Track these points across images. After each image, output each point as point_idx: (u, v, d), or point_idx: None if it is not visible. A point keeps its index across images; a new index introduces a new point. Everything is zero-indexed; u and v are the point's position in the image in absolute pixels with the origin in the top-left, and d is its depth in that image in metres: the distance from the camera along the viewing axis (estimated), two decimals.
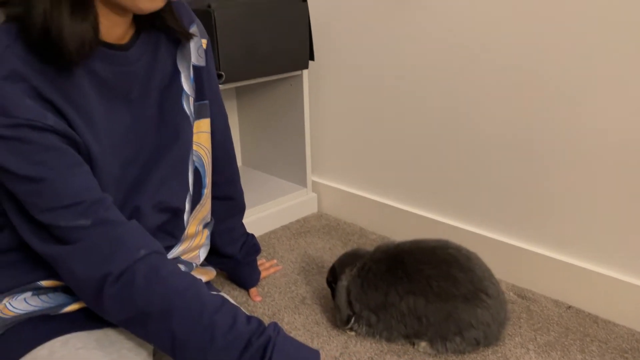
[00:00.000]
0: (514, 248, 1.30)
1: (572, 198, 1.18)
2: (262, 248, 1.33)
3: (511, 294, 1.28)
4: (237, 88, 1.89)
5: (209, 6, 1.25)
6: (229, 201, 1.19)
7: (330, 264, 1.18)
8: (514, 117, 1.23)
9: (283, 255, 1.49)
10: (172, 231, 0.94)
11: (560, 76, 1.13)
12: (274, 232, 1.63)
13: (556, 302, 1.24)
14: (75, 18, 0.69)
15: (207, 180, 1.02)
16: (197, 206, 1.00)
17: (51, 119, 0.71)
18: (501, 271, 1.32)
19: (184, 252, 1.00)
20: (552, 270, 1.24)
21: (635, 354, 1.07)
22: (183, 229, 0.96)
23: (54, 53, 0.69)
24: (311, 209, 1.76)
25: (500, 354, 1.07)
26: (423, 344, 1.06)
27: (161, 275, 0.75)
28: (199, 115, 0.97)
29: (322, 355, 0.80)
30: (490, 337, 1.05)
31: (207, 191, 1.03)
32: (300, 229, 1.65)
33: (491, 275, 1.07)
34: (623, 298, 1.15)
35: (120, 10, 0.76)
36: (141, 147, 0.85)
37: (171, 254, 0.96)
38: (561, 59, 1.12)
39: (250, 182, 1.83)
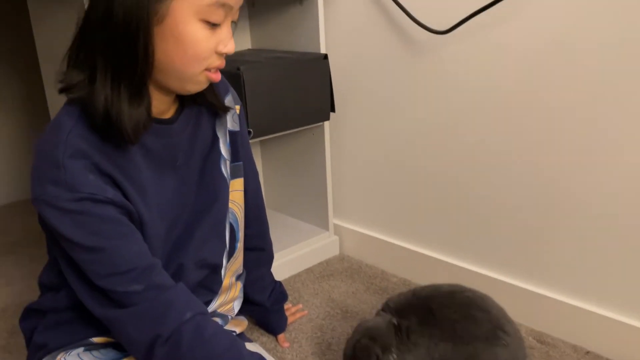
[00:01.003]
0: (534, 294, 1.34)
1: (590, 246, 1.23)
2: (287, 291, 1.40)
3: (530, 338, 1.32)
4: (263, 140, 1.98)
5: (238, 69, 1.34)
6: (259, 252, 1.26)
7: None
8: (533, 167, 1.29)
9: (308, 299, 1.55)
10: (211, 286, 1.01)
11: (571, 138, 1.19)
12: (298, 275, 1.69)
13: (575, 347, 1.28)
14: (132, 104, 0.78)
15: (240, 234, 1.10)
16: (232, 259, 1.07)
17: (110, 192, 0.79)
18: (521, 316, 1.37)
19: (220, 306, 1.07)
20: (571, 316, 1.29)
21: None
22: (220, 283, 1.03)
23: (114, 134, 0.78)
24: (333, 251, 1.83)
25: None
26: None
27: (205, 337, 0.82)
28: (234, 175, 1.05)
29: None
30: None
31: (240, 245, 1.10)
32: (323, 272, 1.71)
33: (506, 314, 1.11)
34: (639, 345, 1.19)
35: (169, 91, 0.85)
36: (184, 209, 0.93)
37: (210, 308, 1.03)
38: (577, 118, 1.19)
39: (274, 225, 1.88)
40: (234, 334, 1.13)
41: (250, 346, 1.09)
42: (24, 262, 1.88)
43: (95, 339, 0.91)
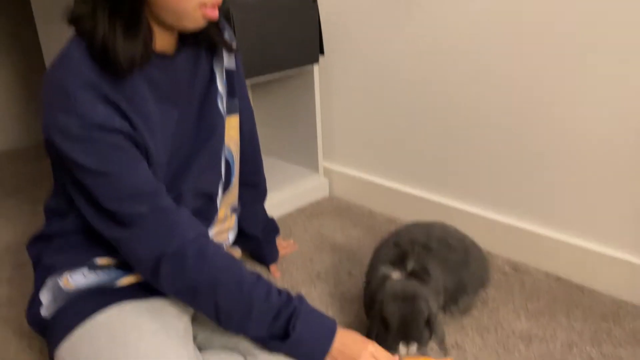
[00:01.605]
0: (511, 227, 1.43)
1: (562, 180, 1.31)
2: (280, 229, 1.47)
3: (506, 267, 1.41)
4: (251, 84, 2.01)
5: (228, 10, 1.37)
6: (254, 188, 1.33)
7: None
8: (514, 105, 1.35)
9: (298, 235, 1.63)
10: (207, 214, 1.08)
11: (556, 75, 1.25)
12: (289, 214, 1.77)
13: (547, 274, 1.37)
14: (127, 38, 0.82)
15: (236, 170, 1.16)
16: (227, 192, 1.14)
17: (118, 122, 0.84)
18: (498, 247, 1.46)
19: (216, 235, 1.14)
20: (544, 245, 1.37)
21: (615, 318, 1.20)
22: (215, 212, 1.10)
23: (111, 66, 0.82)
24: (323, 193, 1.90)
25: (494, 320, 1.21)
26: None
27: (207, 256, 0.89)
28: (230, 111, 1.10)
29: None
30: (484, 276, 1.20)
31: (235, 180, 1.16)
32: (314, 211, 1.79)
33: (472, 240, 1.23)
34: (607, 270, 1.28)
35: (169, 28, 0.90)
36: (184, 141, 0.99)
37: None
38: (560, 55, 1.24)
39: (266, 168, 1.95)
40: None
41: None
42: (24, 204, 1.95)
43: (99, 260, 0.97)
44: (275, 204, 1.73)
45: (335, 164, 1.89)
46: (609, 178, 1.23)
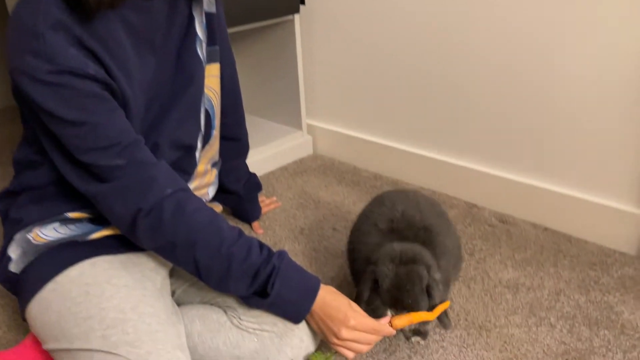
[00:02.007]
0: (497, 178, 1.40)
1: (548, 129, 1.27)
2: (263, 187, 1.43)
3: (493, 219, 1.39)
4: (231, 35, 1.94)
5: None
6: (235, 142, 1.28)
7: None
8: (500, 56, 1.30)
9: (282, 193, 1.59)
10: (186, 167, 1.03)
11: (543, 22, 1.20)
12: (272, 172, 1.73)
13: (534, 225, 1.35)
14: None
15: (217, 122, 1.10)
16: (207, 146, 1.09)
17: (92, 68, 0.77)
18: (484, 199, 1.43)
19: (196, 189, 1.10)
20: (531, 196, 1.35)
21: (603, 265, 1.19)
22: (195, 165, 1.05)
23: (80, 5, 0.75)
24: (307, 150, 1.85)
25: (480, 270, 1.19)
26: None
27: (186, 211, 0.84)
28: (210, 59, 1.04)
29: (319, 278, 0.90)
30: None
31: (216, 132, 1.11)
32: (297, 169, 1.75)
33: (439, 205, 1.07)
34: (595, 218, 1.26)
35: None
36: (161, 89, 0.93)
37: None
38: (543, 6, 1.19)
39: (248, 126, 1.90)
40: None
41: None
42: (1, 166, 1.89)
43: (71, 214, 0.92)
44: (258, 163, 1.68)
45: (318, 121, 1.84)
46: (596, 126, 1.20)
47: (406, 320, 0.85)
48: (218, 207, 1.25)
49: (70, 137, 0.80)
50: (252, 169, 1.39)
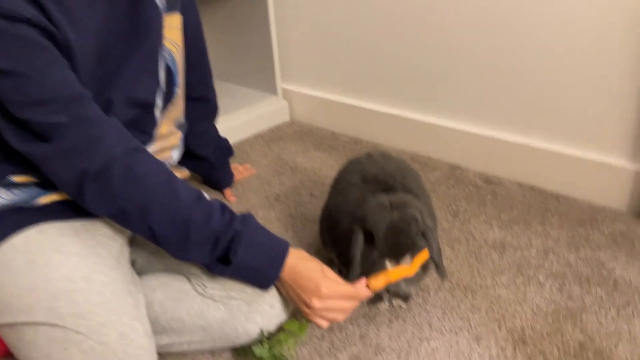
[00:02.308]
0: (481, 137, 1.33)
1: (533, 81, 1.20)
2: (236, 155, 1.35)
3: (477, 180, 1.32)
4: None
5: None
6: (202, 102, 1.19)
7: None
8: (481, 11, 1.22)
9: (257, 160, 1.51)
10: (144, 127, 0.94)
11: None
12: (247, 140, 1.64)
13: (520, 185, 1.29)
14: None
15: (179, 78, 1.01)
16: (169, 105, 1.00)
17: (29, 11, 0.68)
18: (468, 160, 1.37)
19: (157, 152, 1.01)
20: (516, 155, 1.29)
21: (593, 223, 1.13)
22: (154, 125, 0.96)
23: None
24: (283, 117, 1.77)
25: (465, 231, 1.13)
26: None
27: (137, 174, 0.75)
28: (169, 8, 0.95)
29: (296, 244, 0.82)
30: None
31: (179, 91, 1.02)
32: (273, 136, 1.66)
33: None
34: (584, 175, 1.20)
35: None
36: (114, 40, 0.84)
37: None
38: None
39: (220, 93, 1.81)
40: None
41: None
42: None
43: (15, 178, 0.84)
44: (231, 130, 1.59)
45: (295, 85, 1.75)
46: (585, 75, 1.13)
47: (383, 279, 0.78)
48: (184, 173, 1.17)
49: (6, 90, 0.71)
50: (225, 135, 1.31)
